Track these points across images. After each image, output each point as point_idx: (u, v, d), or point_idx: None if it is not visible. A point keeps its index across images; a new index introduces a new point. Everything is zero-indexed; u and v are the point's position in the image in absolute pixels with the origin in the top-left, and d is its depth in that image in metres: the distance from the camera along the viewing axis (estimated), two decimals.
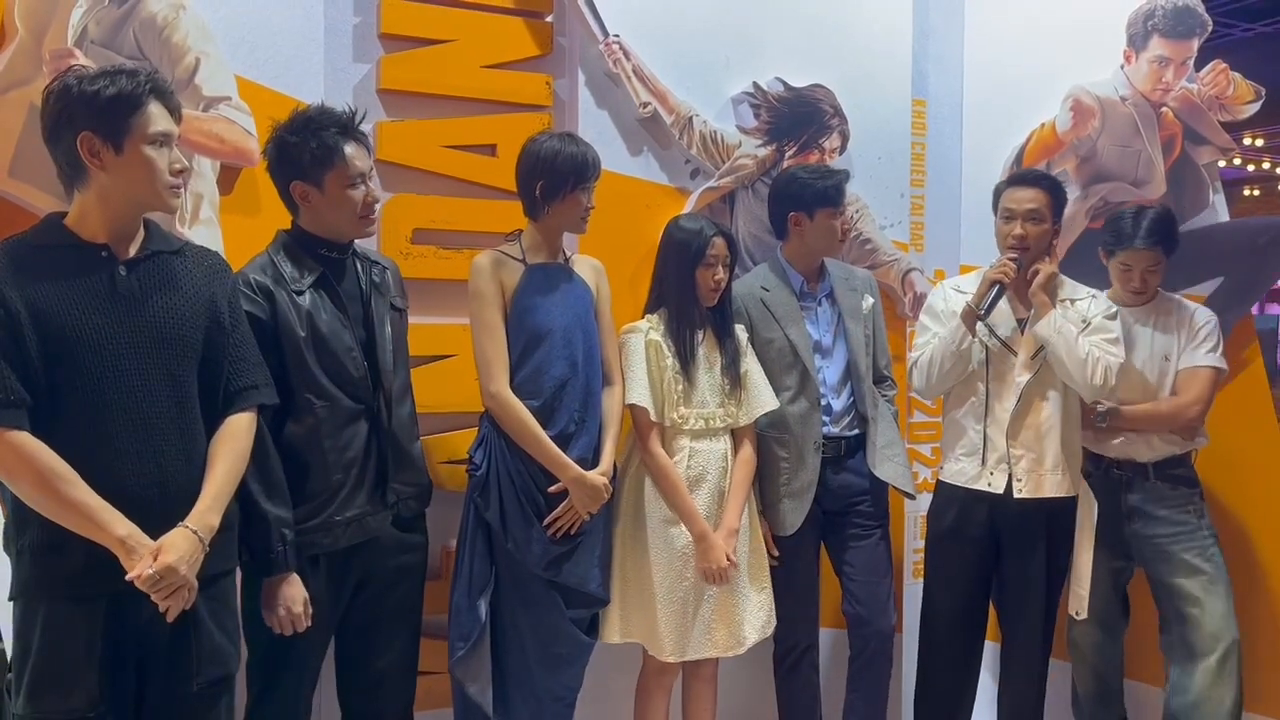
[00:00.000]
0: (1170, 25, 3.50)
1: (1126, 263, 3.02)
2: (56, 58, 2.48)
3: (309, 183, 2.34)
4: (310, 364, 2.30)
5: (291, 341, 2.29)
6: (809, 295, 3.04)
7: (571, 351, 2.67)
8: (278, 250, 2.37)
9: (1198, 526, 2.99)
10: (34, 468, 1.86)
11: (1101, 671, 3.14)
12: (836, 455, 3.00)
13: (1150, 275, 3.02)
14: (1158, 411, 3.01)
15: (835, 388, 3.02)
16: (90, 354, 1.90)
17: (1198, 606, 2.94)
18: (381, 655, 2.47)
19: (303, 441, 2.30)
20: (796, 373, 2.96)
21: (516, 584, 2.66)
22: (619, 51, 3.08)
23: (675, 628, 2.76)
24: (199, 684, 2.00)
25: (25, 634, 1.93)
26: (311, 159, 2.31)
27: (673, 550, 2.77)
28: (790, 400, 2.95)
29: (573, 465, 2.62)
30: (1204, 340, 3.01)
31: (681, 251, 2.80)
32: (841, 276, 3.11)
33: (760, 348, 2.96)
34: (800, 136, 3.33)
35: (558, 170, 2.63)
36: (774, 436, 2.96)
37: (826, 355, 3.02)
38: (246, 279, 2.28)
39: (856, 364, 3.03)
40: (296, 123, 2.35)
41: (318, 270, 2.36)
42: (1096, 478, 3.05)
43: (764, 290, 3.00)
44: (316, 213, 2.37)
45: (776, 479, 2.96)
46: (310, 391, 2.31)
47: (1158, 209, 3.05)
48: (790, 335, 2.96)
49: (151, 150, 1.94)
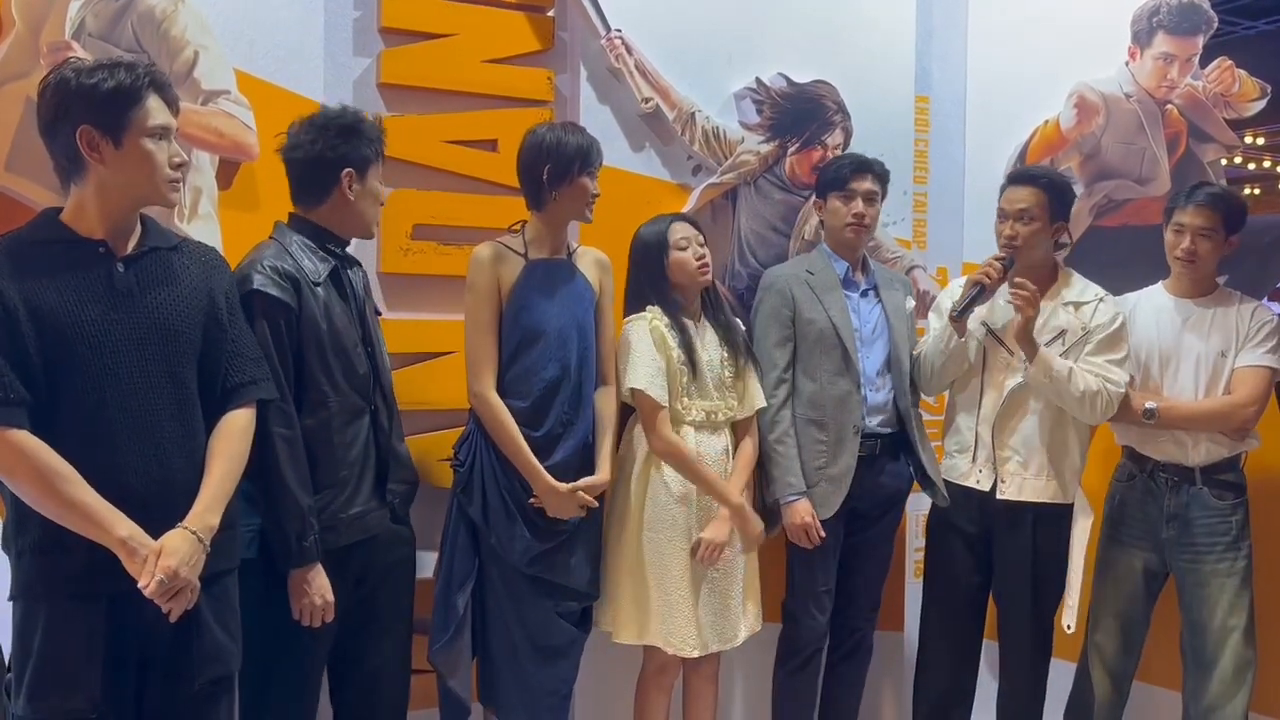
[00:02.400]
0: (1175, 22, 3.49)
1: (1180, 223, 2.90)
2: (54, 50, 2.46)
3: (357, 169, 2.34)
4: (329, 358, 2.30)
5: (314, 333, 2.28)
6: (853, 283, 3.04)
7: (565, 353, 2.65)
8: (290, 241, 2.34)
9: (1237, 538, 2.89)
10: (34, 467, 1.84)
11: (1118, 676, 3.10)
12: (873, 454, 2.99)
13: (1201, 240, 2.87)
14: (1210, 410, 2.88)
15: (874, 380, 3.00)
16: (89, 351, 1.88)
17: (1219, 619, 2.88)
18: (376, 653, 2.47)
19: (315, 435, 2.29)
20: (838, 355, 2.95)
21: (504, 579, 2.65)
22: (621, 47, 3.07)
23: (690, 620, 2.76)
24: (201, 683, 1.98)
25: (26, 634, 1.91)
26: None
27: (687, 546, 2.76)
28: (830, 382, 2.94)
29: (545, 476, 2.60)
30: (1265, 339, 2.88)
31: (646, 250, 2.80)
32: (886, 276, 3.12)
33: (802, 328, 2.95)
34: (803, 133, 3.32)
35: (564, 154, 2.62)
36: (812, 419, 2.94)
37: (867, 345, 3.00)
38: (273, 265, 2.25)
39: (899, 359, 3.02)
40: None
41: (330, 264, 2.35)
42: (1140, 481, 2.98)
43: (809, 273, 3.00)
44: (340, 209, 2.36)
45: (814, 462, 2.94)
46: (328, 384, 2.30)
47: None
48: (833, 317, 2.95)
49: (151, 144, 1.92)
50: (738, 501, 2.77)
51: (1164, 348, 2.96)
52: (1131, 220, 3.58)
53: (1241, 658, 2.88)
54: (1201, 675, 2.93)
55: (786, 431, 2.93)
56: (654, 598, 2.75)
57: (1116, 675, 3.08)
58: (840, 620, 3.10)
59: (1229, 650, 2.88)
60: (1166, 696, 3.19)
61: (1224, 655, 2.88)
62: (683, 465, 2.75)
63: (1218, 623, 2.89)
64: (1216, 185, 3.00)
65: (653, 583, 2.75)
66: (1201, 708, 2.92)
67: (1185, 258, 2.91)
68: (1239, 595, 2.88)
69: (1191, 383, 2.93)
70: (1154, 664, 3.14)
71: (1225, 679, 2.88)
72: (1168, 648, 3.08)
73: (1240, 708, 2.88)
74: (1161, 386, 2.96)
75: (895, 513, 3.11)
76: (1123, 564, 3.02)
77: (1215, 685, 2.89)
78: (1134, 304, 3.04)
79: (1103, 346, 2.90)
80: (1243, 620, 2.88)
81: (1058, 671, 3.13)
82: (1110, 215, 3.55)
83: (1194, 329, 2.94)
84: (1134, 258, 3.44)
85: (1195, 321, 2.95)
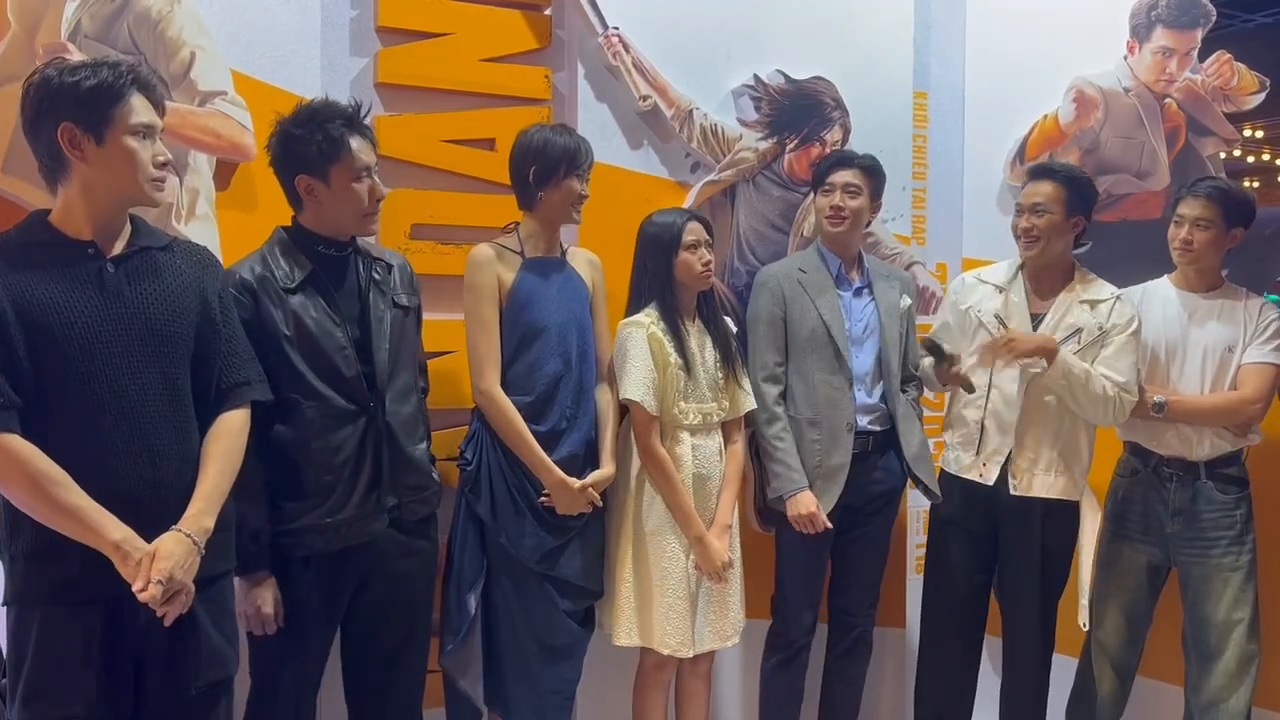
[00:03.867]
0: (1174, 15, 3.49)
1: (1180, 214, 2.93)
2: (50, 52, 2.45)
3: (314, 176, 2.30)
4: (296, 363, 2.27)
5: (275, 340, 2.25)
6: (846, 281, 3.03)
7: (566, 348, 2.66)
8: (272, 247, 2.34)
9: (1241, 532, 2.90)
10: (26, 472, 1.83)
11: (1122, 671, 3.10)
12: (865, 451, 2.98)
13: (1198, 231, 2.89)
14: (1216, 405, 2.90)
15: (864, 379, 2.99)
16: (79, 353, 1.87)
17: (1223, 613, 2.88)
18: (387, 659, 2.45)
19: (290, 441, 2.27)
20: (829, 353, 2.94)
21: (511, 578, 2.65)
22: (618, 44, 3.06)
23: (686, 622, 2.76)
24: (198, 687, 1.97)
25: (20, 640, 1.90)
26: (317, 152, 2.28)
27: (682, 545, 2.77)
28: (822, 381, 2.94)
29: (555, 470, 2.61)
30: (1271, 335, 2.90)
31: (656, 243, 2.79)
32: (882, 273, 3.10)
33: (793, 327, 2.95)
34: (801, 129, 3.31)
35: (549, 156, 2.62)
36: (806, 418, 2.94)
37: (858, 345, 3.00)
38: (233, 277, 2.24)
39: (888, 360, 3.01)
40: (301, 115, 2.32)
41: (309, 268, 2.32)
42: (1143, 475, 2.99)
43: (801, 271, 3.00)
44: (320, 208, 2.33)
45: (809, 460, 2.94)
46: (296, 391, 2.27)
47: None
48: (824, 316, 2.94)
49: (133, 141, 1.90)
50: (698, 532, 2.76)
51: (1170, 341, 2.97)
52: (1131, 215, 3.57)
53: (1245, 651, 2.88)
54: (1204, 669, 2.92)
55: (785, 427, 2.93)
56: (655, 601, 2.76)
57: (1120, 670, 3.08)
58: (838, 616, 3.11)
59: (1233, 643, 2.87)
60: (1168, 691, 3.19)
61: (1228, 649, 2.88)
62: (664, 485, 2.76)
63: (1222, 616, 2.89)
64: (1221, 179, 2.99)
65: (655, 587, 2.76)
66: (1203, 701, 2.92)
67: (1182, 248, 2.93)
68: (1244, 589, 2.89)
69: (1198, 377, 2.93)
70: (1155, 658, 3.14)
71: (1228, 672, 2.88)
72: (1169, 642, 3.09)
73: (1243, 702, 2.88)
74: (1168, 379, 2.97)
75: (890, 509, 3.10)
76: (1126, 559, 3.02)
77: (1218, 679, 2.89)
78: (1142, 296, 3.04)
79: (1119, 350, 2.90)
80: (1247, 614, 2.88)
81: (1059, 666, 3.13)
82: (1109, 210, 3.54)
83: (1201, 323, 2.95)
84: (1133, 252, 3.44)
85: (1202, 316, 2.95)
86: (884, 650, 3.32)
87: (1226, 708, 2.89)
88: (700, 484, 2.80)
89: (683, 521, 2.76)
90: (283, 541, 2.28)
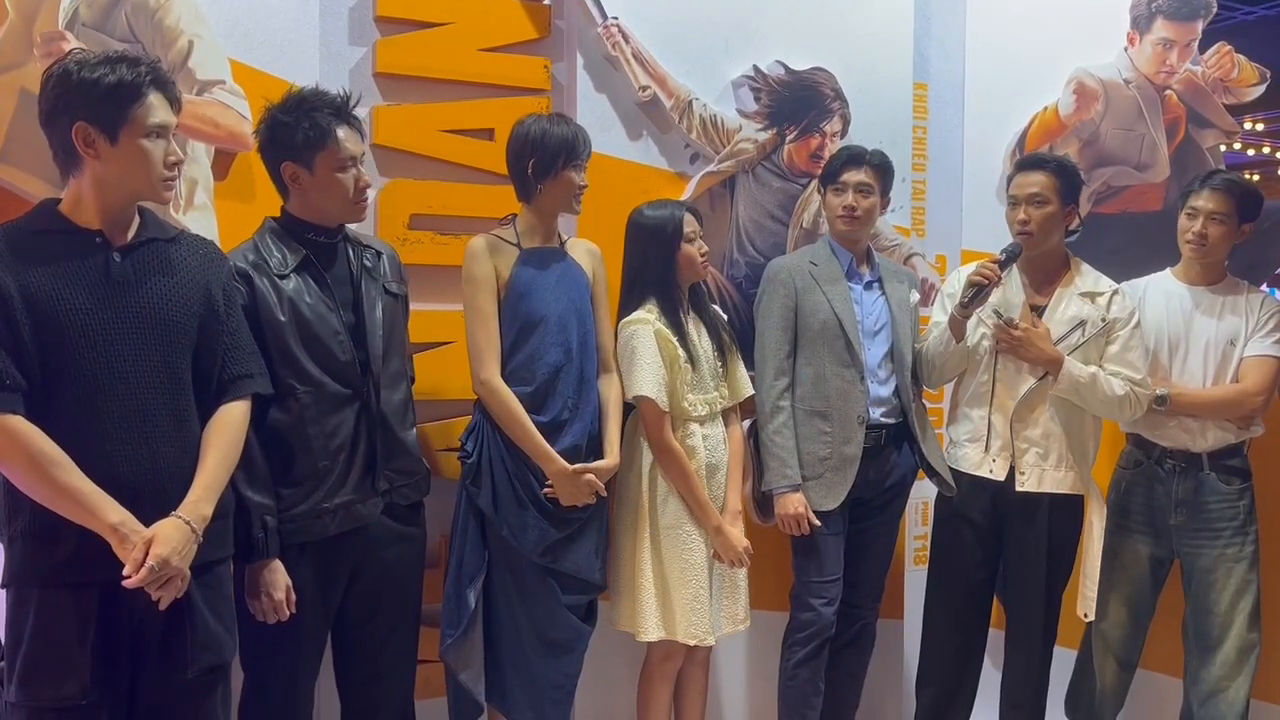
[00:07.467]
0: (1174, 7, 3.48)
1: (1194, 207, 2.92)
2: (47, 41, 2.45)
3: (299, 164, 2.31)
4: (293, 349, 2.28)
5: (272, 326, 2.26)
6: (857, 275, 3.03)
7: (566, 338, 2.66)
8: (264, 235, 2.35)
9: (1245, 523, 2.91)
10: (27, 452, 1.84)
11: (1124, 663, 3.10)
12: (878, 444, 2.98)
13: (1212, 224, 2.89)
14: (1219, 398, 2.91)
15: (876, 372, 2.99)
16: (84, 340, 1.89)
17: (1226, 603, 2.89)
18: (380, 647, 2.46)
19: (287, 427, 2.28)
20: (841, 346, 2.94)
21: (512, 571, 2.65)
22: (618, 35, 3.05)
23: (708, 611, 2.78)
24: (194, 672, 1.98)
25: (17, 621, 1.92)
26: (304, 140, 2.29)
27: (701, 536, 2.79)
28: (834, 374, 2.94)
29: (557, 459, 2.61)
30: (1274, 328, 2.90)
31: (658, 235, 2.79)
32: (890, 269, 3.11)
33: (805, 320, 2.95)
34: (801, 120, 3.30)
35: (548, 147, 2.62)
36: (816, 410, 2.94)
37: (870, 338, 3.00)
38: (233, 264, 2.25)
39: (901, 353, 3.01)
40: (290, 103, 2.33)
41: (302, 254, 2.33)
42: (1146, 468, 2.99)
43: (812, 265, 3.00)
44: (305, 195, 2.34)
45: (819, 452, 2.94)
46: (293, 377, 2.28)
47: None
48: (837, 309, 2.94)
49: (147, 142, 1.92)
50: (716, 522, 2.80)
51: (1173, 334, 2.97)
52: (1130, 207, 3.57)
53: (1246, 640, 2.88)
54: (1204, 658, 2.93)
55: (785, 423, 2.92)
56: (676, 594, 2.77)
57: (1122, 662, 3.09)
58: (844, 608, 3.09)
59: (1233, 633, 2.88)
60: (1167, 683, 3.19)
61: (1228, 638, 2.89)
62: (679, 479, 2.77)
63: (1224, 606, 2.89)
64: (1233, 173, 3.00)
65: (676, 580, 2.77)
66: (1203, 692, 2.93)
67: (1196, 241, 2.92)
68: (1246, 579, 2.89)
69: (1200, 369, 2.94)
70: (1155, 650, 3.14)
71: (1228, 662, 2.89)
72: (1169, 633, 3.09)
73: (1242, 693, 2.88)
74: (1170, 372, 2.97)
75: (900, 502, 3.11)
76: (1129, 551, 3.03)
77: (1217, 669, 2.90)
78: (1143, 289, 3.04)
79: (1127, 345, 2.90)
80: (1249, 604, 2.89)
81: (1058, 658, 3.13)
82: (1109, 202, 3.54)
83: (1203, 316, 2.95)
84: (1133, 244, 3.44)
85: (1205, 309, 2.96)
86: (882, 640, 3.30)
87: (1225, 698, 2.89)
88: (712, 473, 2.83)
89: (700, 513, 2.78)
90: (281, 529, 2.27)
